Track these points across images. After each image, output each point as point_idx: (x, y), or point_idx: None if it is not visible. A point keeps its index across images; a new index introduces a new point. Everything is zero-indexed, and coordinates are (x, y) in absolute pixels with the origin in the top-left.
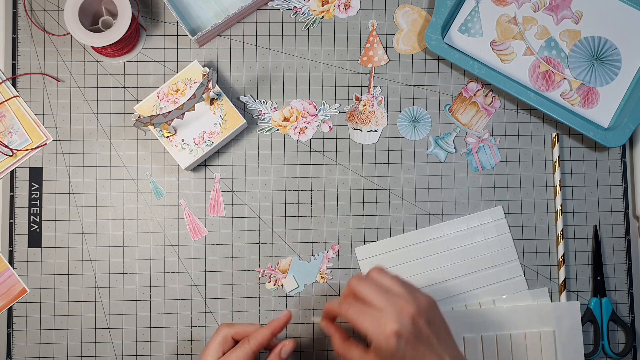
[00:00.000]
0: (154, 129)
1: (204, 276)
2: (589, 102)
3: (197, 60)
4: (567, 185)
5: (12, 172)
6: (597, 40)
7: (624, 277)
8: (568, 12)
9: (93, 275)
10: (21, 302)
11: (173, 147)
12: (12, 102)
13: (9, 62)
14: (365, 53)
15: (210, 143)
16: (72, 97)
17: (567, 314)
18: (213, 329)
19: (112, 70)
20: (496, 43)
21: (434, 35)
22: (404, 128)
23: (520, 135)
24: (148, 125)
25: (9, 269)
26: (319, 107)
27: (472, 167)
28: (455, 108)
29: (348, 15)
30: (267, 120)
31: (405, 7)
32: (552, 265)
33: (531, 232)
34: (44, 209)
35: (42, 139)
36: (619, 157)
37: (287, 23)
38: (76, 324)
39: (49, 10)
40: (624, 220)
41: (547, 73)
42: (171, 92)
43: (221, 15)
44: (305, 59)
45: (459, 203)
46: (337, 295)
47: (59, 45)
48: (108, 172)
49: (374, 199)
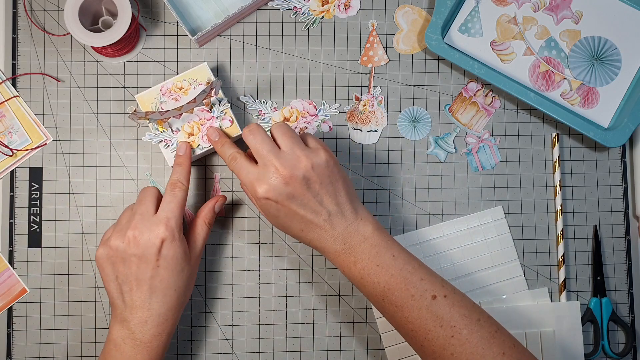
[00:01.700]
0: (149, 124)
1: (204, 276)
2: (589, 102)
3: (206, 63)
4: (567, 185)
5: (12, 172)
6: (597, 40)
7: (624, 277)
8: (568, 12)
9: (93, 275)
10: (21, 302)
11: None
12: (12, 102)
13: (9, 62)
14: (365, 53)
15: (202, 148)
16: (72, 97)
17: (567, 314)
18: (213, 329)
19: (112, 70)
20: (496, 43)
21: (434, 35)
22: (404, 128)
23: (520, 135)
24: (143, 119)
25: (9, 269)
26: (319, 107)
27: (472, 167)
28: (455, 108)
29: (348, 15)
30: (267, 120)
31: (405, 7)
32: (552, 265)
33: (531, 232)
34: (44, 209)
35: (42, 139)
36: (619, 157)
37: (287, 23)
38: (76, 324)
39: (49, 10)
40: (624, 220)
41: (547, 73)
42: (175, 88)
43: (221, 15)
44: (305, 59)
45: (459, 203)
46: (337, 295)
47: (59, 45)
48: (108, 172)
49: (374, 199)
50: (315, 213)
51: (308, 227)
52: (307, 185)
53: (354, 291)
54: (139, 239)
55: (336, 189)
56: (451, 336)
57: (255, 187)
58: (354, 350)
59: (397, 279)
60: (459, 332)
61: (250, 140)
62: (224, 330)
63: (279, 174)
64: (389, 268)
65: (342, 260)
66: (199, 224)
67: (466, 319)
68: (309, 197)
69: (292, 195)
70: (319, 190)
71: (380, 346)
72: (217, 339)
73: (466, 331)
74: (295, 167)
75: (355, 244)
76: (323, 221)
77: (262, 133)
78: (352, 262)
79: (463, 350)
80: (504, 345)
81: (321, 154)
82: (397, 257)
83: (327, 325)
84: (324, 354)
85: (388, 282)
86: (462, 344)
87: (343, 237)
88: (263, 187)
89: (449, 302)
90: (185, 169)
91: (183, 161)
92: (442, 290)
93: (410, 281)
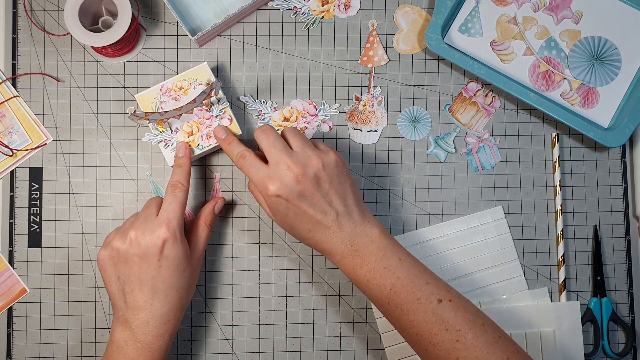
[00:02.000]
0: (149, 124)
1: (204, 276)
2: (589, 102)
3: (206, 63)
4: (567, 185)
5: (12, 172)
6: (597, 40)
7: (624, 277)
8: (568, 12)
9: (93, 275)
10: (21, 302)
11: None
12: (12, 102)
13: (9, 62)
14: (365, 53)
15: (202, 147)
16: (72, 97)
17: (567, 314)
18: (213, 329)
19: (112, 70)
20: (496, 43)
21: (434, 35)
22: (404, 128)
23: (520, 135)
24: (143, 120)
25: (9, 269)
26: (319, 107)
27: (472, 167)
28: (455, 108)
29: (348, 15)
30: (267, 121)
31: (405, 7)
32: (552, 265)
33: (531, 232)
34: (44, 209)
35: (42, 139)
36: (619, 157)
37: (287, 23)
38: (76, 324)
39: (49, 10)
40: (624, 220)
41: (547, 73)
42: (175, 88)
43: (221, 15)
44: (305, 59)
45: (459, 203)
46: (337, 295)
47: (59, 45)
48: (108, 172)
49: (374, 199)
50: (324, 213)
51: (316, 227)
52: (318, 185)
53: (354, 291)
54: (140, 239)
55: (345, 190)
56: (456, 340)
57: (267, 185)
58: (354, 350)
59: (404, 282)
60: (464, 336)
61: (263, 140)
62: (224, 330)
63: (291, 172)
64: (396, 271)
65: (349, 262)
66: (200, 225)
67: (471, 323)
68: (318, 197)
69: (303, 193)
70: (328, 190)
71: (380, 346)
72: (217, 339)
73: (471, 335)
74: (307, 166)
75: (362, 246)
76: (331, 222)
77: (275, 133)
78: (358, 264)
79: (468, 354)
80: (507, 350)
81: (331, 154)
82: (404, 260)
83: (327, 325)
84: (324, 354)
85: (394, 284)
86: (467, 348)
87: (350, 238)
88: (275, 184)
89: (454, 306)
90: (185, 170)
91: (183, 162)
92: (447, 294)
93: (416, 284)
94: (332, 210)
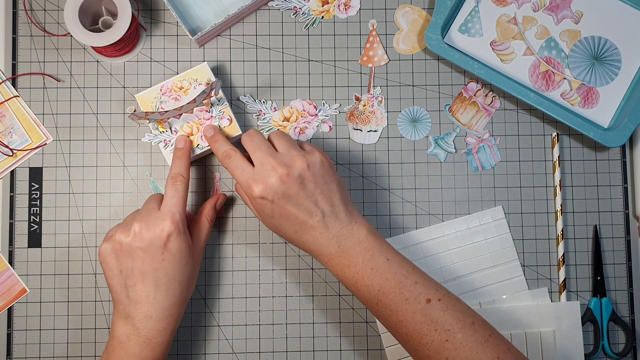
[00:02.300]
0: (149, 124)
1: (204, 276)
2: (589, 102)
3: (206, 63)
4: (567, 185)
5: (12, 172)
6: (597, 40)
7: (624, 277)
8: (568, 12)
9: (93, 275)
10: (21, 302)
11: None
12: (12, 102)
13: (9, 62)
14: (365, 53)
15: (201, 147)
16: (72, 97)
17: (567, 314)
18: (213, 328)
19: (112, 70)
20: (496, 43)
21: (434, 35)
22: (404, 128)
23: (520, 135)
24: (143, 119)
25: (9, 269)
26: (319, 107)
27: (472, 167)
28: (455, 108)
29: (348, 15)
30: (267, 121)
31: (405, 7)
32: (552, 265)
33: (531, 232)
34: (44, 209)
35: (42, 139)
36: (619, 157)
37: (287, 23)
38: (76, 324)
39: (49, 10)
40: (624, 220)
41: (547, 73)
42: (175, 88)
43: (221, 15)
44: (305, 59)
45: (459, 203)
46: (337, 295)
47: (59, 45)
48: (108, 172)
49: (374, 199)
50: (309, 214)
51: (302, 228)
52: (302, 185)
53: None
54: (144, 232)
55: (331, 190)
56: (445, 340)
57: (251, 186)
58: (354, 350)
59: (391, 283)
60: (454, 336)
61: (248, 142)
62: (224, 330)
63: (275, 172)
64: (383, 271)
65: (336, 264)
66: (201, 221)
67: (460, 322)
68: (303, 197)
69: (288, 194)
70: (313, 190)
71: (380, 346)
72: (217, 339)
73: (460, 335)
74: (291, 166)
75: (349, 247)
76: (317, 222)
77: (260, 136)
78: (345, 265)
79: (457, 354)
80: (498, 349)
81: (316, 154)
82: (391, 260)
83: (327, 325)
84: (324, 354)
85: (382, 285)
86: (456, 347)
87: (337, 239)
88: (259, 186)
89: (443, 306)
90: (185, 162)
91: (182, 154)
92: (436, 293)
93: (404, 284)
94: (318, 210)
